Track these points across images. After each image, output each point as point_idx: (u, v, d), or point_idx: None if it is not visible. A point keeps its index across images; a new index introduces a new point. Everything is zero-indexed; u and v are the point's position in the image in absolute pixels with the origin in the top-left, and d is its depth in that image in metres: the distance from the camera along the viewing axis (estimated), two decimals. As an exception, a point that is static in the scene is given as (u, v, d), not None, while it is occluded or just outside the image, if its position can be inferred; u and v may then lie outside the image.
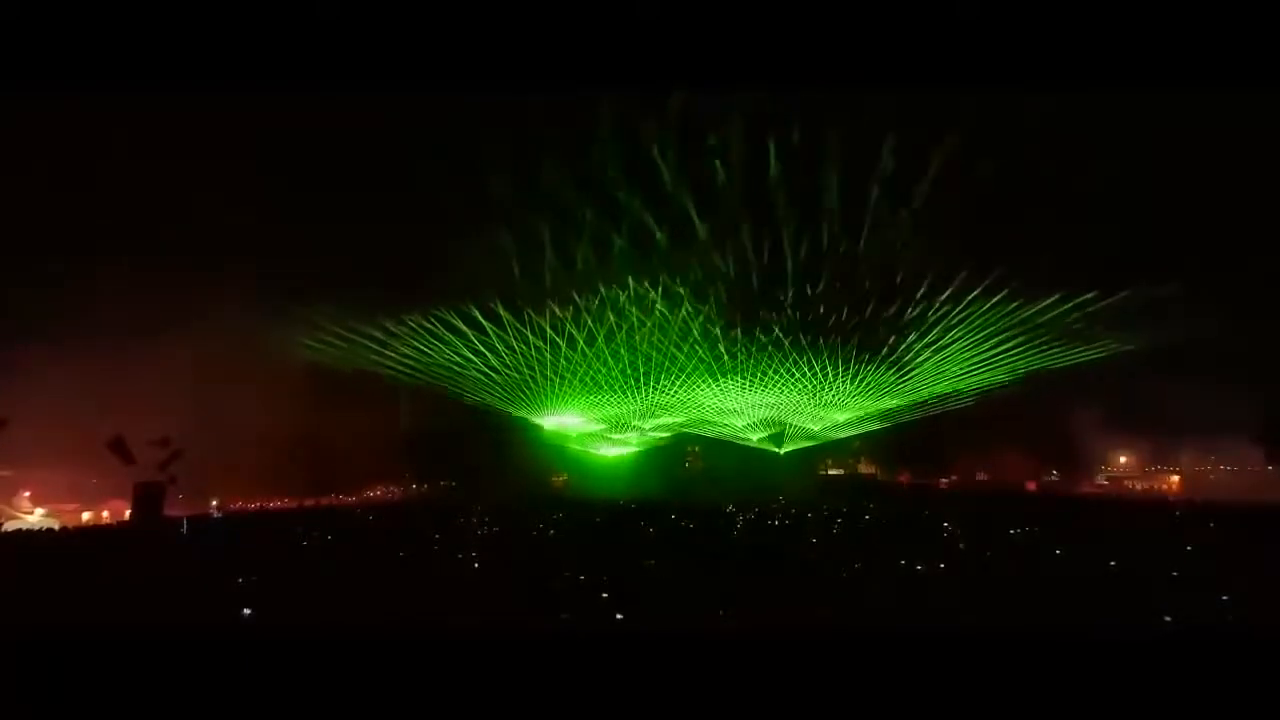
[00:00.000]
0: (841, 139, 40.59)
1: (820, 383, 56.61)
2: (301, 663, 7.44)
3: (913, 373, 53.64)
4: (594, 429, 66.55)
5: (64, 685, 6.86)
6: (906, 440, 63.11)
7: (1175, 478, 56.42)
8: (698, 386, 57.65)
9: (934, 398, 55.62)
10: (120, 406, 40.80)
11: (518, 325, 51.50)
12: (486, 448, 63.51)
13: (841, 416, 62.28)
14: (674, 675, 6.84)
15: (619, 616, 12.61)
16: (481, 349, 51.79)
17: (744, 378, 56.71)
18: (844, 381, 55.92)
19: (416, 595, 15.81)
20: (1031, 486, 58.34)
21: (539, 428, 64.75)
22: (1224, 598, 13.21)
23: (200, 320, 42.10)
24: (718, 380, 56.79)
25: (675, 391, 57.69)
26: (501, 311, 50.27)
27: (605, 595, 14.37)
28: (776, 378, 56.70)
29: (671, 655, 7.40)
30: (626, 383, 57.04)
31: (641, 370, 55.56)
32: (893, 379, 54.74)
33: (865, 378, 55.30)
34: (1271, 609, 12.34)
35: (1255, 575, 15.35)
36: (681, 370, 55.48)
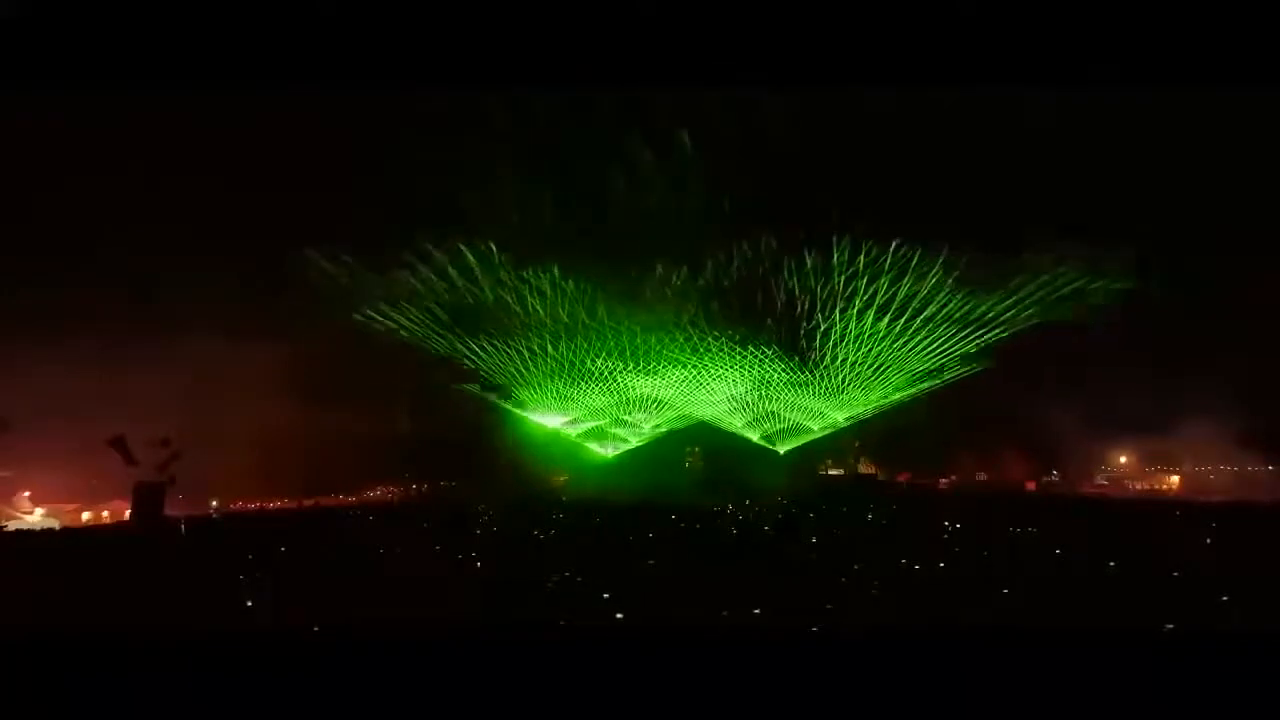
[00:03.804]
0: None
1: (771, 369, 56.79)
2: (301, 662, 7.44)
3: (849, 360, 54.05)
4: (591, 425, 66.50)
5: (64, 686, 6.85)
6: (906, 440, 63.08)
7: (1175, 478, 56.39)
8: (668, 376, 57.91)
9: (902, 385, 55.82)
10: (120, 407, 40.83)
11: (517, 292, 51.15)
12: (486, 448, 63.44)
13: (840, 415, 62.30)
14: (674, 675, 6.84)
15: (619, 616, 12.64)
16: (470, 293, 51.06)
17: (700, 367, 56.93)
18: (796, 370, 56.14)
19: (417, 595, 15.83)
20: (1031, 486, 58.29)
21: (539, 427, 64.71)
22: (1224, 598, 13.24)
23: (200, 321, 42.09)
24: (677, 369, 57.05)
25: (648, 376, 57.83)
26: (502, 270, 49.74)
27: (606, 595, 14.41)
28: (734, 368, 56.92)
29: (671, 655, 7.40)
30: (606, 372, 57.23)
31: (619, 358, 55.68)
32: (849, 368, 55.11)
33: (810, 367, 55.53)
34: (1271, 609, 12.36)
35: (1255, 575, 15.37)
36: (645, 358, 55.58)
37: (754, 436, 66.48)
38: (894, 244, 45.97)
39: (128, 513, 43.35)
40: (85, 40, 7.62)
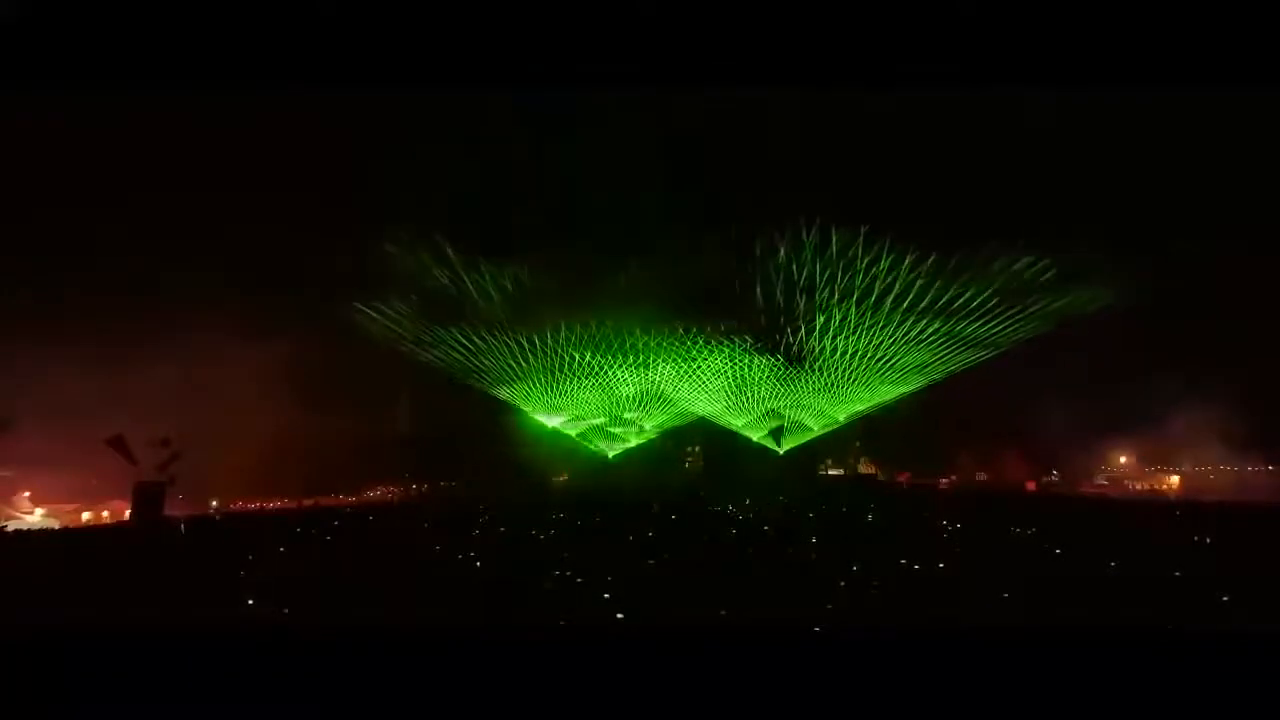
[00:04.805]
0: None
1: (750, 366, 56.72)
2: (301, 662, 7.44)
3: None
4: (589, 424, 66.51)
5: (64, 686, 6.86)
6: (906, 440, 63.18)
7: (1175, 478, 56.40)
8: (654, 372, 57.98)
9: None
10: (120, 407, 40.88)
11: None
12: (486, 447, 63.46)
13: (839, 413, 62.34)
14: (674, 675, 6.84)
15: (619, 616, 12.65)
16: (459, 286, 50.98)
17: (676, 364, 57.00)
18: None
19: (417, 595, 15.84)
20: (1031, 486, 58.32)
21: (539, 426, 64.75)
22: (1224, 598, 13.26)
23: (201, 321, 42.12)
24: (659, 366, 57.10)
25: (641, 371, 57.84)
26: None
27: (606, 595, 14.43)
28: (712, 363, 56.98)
29: (671, 655, 7.41)
30: (600, 368, 57.28)
31: (612, 353, 55.72)
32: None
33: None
34: (1271, 609, 12.37)
35: (1255, 575, 15.38)
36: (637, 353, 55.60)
37: (754, 436, 66.55)
38: (889, 238, 46.15)
39: (128, 513, 43.37)
40: (85, 40, 7.62)
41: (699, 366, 57.51)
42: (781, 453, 66.76)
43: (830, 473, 69.72)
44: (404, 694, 6.70)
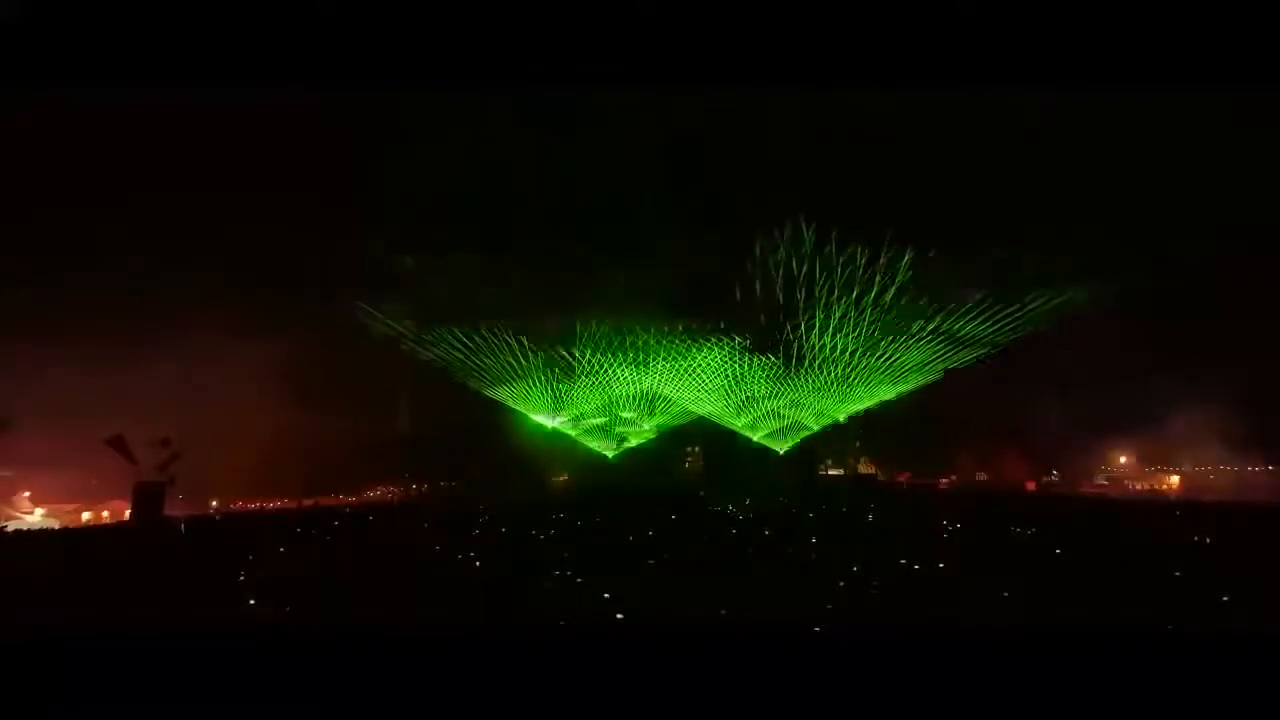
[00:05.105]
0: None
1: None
2: (302, 662, 7.44)
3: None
4: (588, 424, 66.49)
5: (65, 685, 6.86)
6: (906, 440, 63.22)
7: (1175, 478, 56.41)
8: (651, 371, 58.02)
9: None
10: (120, 407, 40.92)
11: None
12: (486, 447, 63.48)
13: (839, 413, 62.36)
14: (674, 675, 6.84)
15: (619, 616, 12.65)
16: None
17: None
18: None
19: (417, 595, 15.85)
20: (1031, 486, 58.32)
21: (539, 426, 64.74)
22: (1224, 598, 13.27)
23: (201, 320, 42.13)
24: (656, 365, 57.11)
25: (639, 369, 57.78)
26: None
27: (606, 595, 14.44)
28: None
29: (671, 655, 7.40)
30: (597, 367, 57.27)
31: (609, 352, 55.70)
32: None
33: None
34: (1271, 609, 12.38)
35: (1255, 575, 15.39)
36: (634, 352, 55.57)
37: (754, 436, 66.57)
38: (889, 236, 46.05)
39: (128, 513, 43.40)
40: (85, 40, 7.63)
41: (698, 365, 57.41)
42: (781, 453, 66.80)
43: (830, 473, 69.71)
44: (404, 694, 6.69)
